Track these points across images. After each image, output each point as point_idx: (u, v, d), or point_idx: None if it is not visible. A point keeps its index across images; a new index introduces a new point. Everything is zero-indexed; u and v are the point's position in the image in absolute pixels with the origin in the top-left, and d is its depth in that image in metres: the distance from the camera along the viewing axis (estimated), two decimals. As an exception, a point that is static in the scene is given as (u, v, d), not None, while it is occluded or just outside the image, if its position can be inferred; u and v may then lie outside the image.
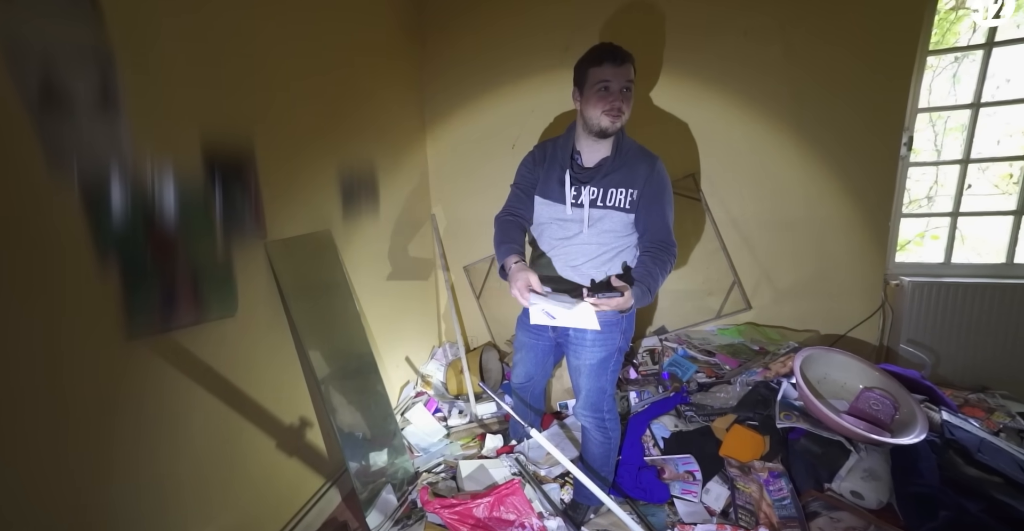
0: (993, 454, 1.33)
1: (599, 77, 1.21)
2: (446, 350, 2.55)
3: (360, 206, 1.90)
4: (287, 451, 1.45)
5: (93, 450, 0.92)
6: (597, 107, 1.22)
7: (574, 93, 1.30)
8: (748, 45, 1.95)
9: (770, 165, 2.04)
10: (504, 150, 2.35)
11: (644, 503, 1.53)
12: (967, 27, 1.96)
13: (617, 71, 1.21)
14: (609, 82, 1.21)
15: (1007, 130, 1.87)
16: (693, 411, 1.76)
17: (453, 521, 1.28)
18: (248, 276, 1.29)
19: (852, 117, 1.90)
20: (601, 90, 1.22)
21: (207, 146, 1.15)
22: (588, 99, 1.24)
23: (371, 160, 1.97)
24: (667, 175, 1.32)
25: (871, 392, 1.58)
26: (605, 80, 1.21)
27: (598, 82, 1.22)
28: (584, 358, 1.40)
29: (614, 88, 1.21)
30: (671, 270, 1.29)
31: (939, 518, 1.17)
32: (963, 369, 1.93)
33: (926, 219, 2.01)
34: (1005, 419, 1.65)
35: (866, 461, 1.39)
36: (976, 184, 1.97)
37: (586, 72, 1.24)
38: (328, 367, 1.53)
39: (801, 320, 2.14)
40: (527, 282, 1.19)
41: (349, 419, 1.56)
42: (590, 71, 1.23)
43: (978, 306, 1.87)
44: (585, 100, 1.26)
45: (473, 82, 2.33)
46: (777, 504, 1.38)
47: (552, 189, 1.35)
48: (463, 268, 2.58)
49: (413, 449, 1.89)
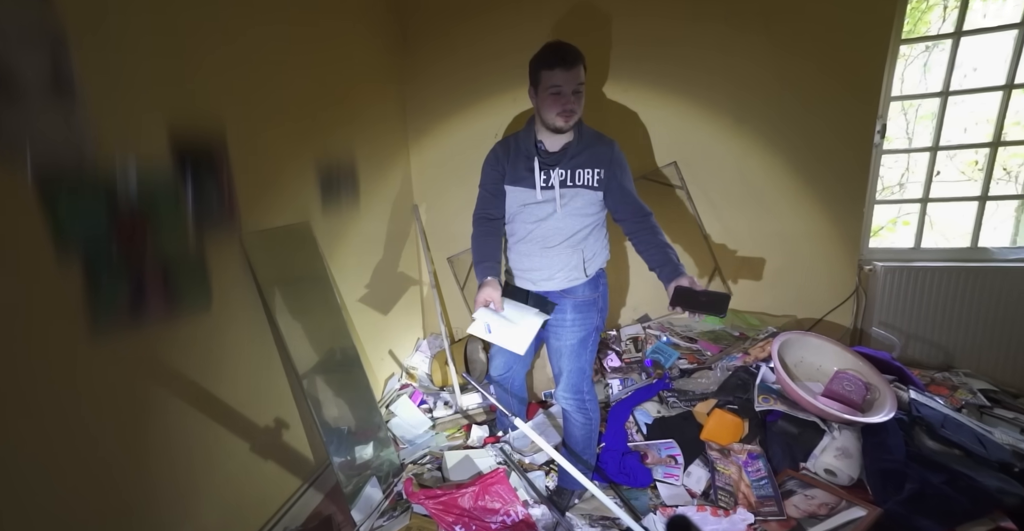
0: (955, 429, 1.38)
1: (551, 81, 1.27)
2: (431, 342, 2.54)
3: (340, 198, 1.87)
4: (270, 446, 1.43)
5: (56, 453, 0.89)
6: (551, 109, 1.28)
7: (530, 91, 1.35)
8: (730, 33, 1.95)
9: (749, 153, 2.06)
10: (487, 140, 2.31)
11: (627, 487, 1.55)
12: (937, 16, 2.00)
13: (567, 75, 1.25)
14: (560, 87, 1.26)
15: (973, 118, 1.93)
16: (675, 397, 1.80)
17: (438, 511, 1.29)
18: (223, 269, 1.26)
19: (829, 106, 1.93)
20: (554, 93, 1.27)
21: (175, 134, 1.11)
22: (542, 101, 1.30)
23: (351, 151, 1.94)
24: (623, 155, 1.42)
25: (845, 374, 1.62)
26: (557, 85, 1.26)
27: (550, 86, 1.27)
28: (564, 339, 1.45)
29: (565, 92, 1.27)
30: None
31: (905, 491, 1.22)
32: (930, 349, 2.00)
33: (898, 205, 2.05)
34: (967, 396, 1.72)
35: (839, 440, 1.44)
36: (945, 171, 2.02)
37: (539, 73, 1.29)
38: (310, 361, 1.51)
39: (779, 305, 2.19)
40: (486, 299, 1.34)
41: (333, 413, 1.55)
42: (542, 74, 1.28)
43: (945, 289, 1.93)
44: (540, 100, 1.31)
45: (457, 72, 2.30)
46: (755, 484, 1.42)
47: (521, 177, 1.39)
48: (447, 259, 2.57)
49: (399, 441, 1.89)
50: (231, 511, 1.29)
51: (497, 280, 1.40)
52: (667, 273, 1.33)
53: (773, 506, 1.35)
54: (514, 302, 1.46)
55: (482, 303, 1.36)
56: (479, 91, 2.29)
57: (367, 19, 2.05)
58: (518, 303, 1.46)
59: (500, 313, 1.36)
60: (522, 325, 1.33)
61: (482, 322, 1.34)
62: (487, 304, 1.36)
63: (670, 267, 1.33)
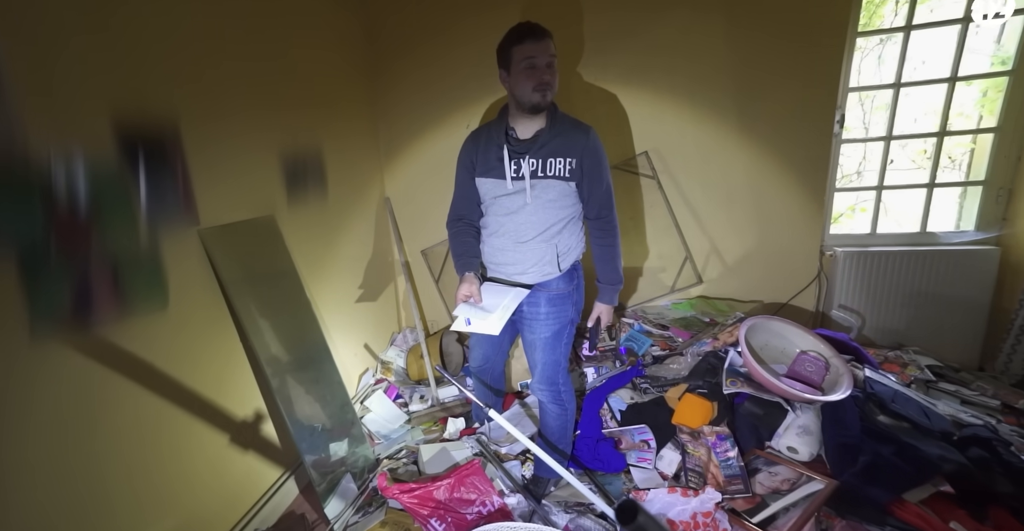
0: (904, 403, 1.47)
1: (523, 54, 1.23)
2: (406, 335, 2.51)
3: (307, 190, 1.82)
4: (238, 446, 1.39)
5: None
6: (526, 84, 1.24)
7: (501, 75, 1.32)
8: (694, 25, 1.98)
9: (716, 144, 2.11)
10: (459, 130, 2.29)
11: (602, 473, 1.58)
12: (890, 10, 2.07)
13: (538, 47, 1.23)
14: (534, 58, 1.23)
15: (923, 109, 2.02)
16: (648, 383, 1.83)
17: (413, 505, 1.28)
18: (180, 266, 1.21)
19: (791, 97, 1.98)
20: (527, 67, 1.24)
21: (121, 124, 1.05)
22: (516, 77, 1.26)
23: (317, 144, 1.89)
24: (601, 144, 1.36)
25: (806, 355, 1.69)
26: (530, 56, 1.23)
27: (523, 59, 1.24)
28: (539, 332, 1.44)
29: (539, 63, 1.24)
30: (619, 242, 1.45)
31: (858, 463, 1.28)
32: (884, 329, 2.11)
33: (856, 193, 2.14)
34: (916, 372, 1.82)
35: (801, 418, 1.50)
36: (897, 159, 2.11)
37: (509, 51, 1.26)
38: (279, 359, 1.47)
39: (747, 291, 2.26)
40: (464, 295, 1.36)
41: (305, 410, 1.52)
42: (513, 50, 1.25)
43: (898, 272, 2.03)
44: (513, 79, 1.27)
45: (428, 62, 2.26)
46: (723, 464, 1.47)
47: (492, 167, 1.36)
48: (421, 252, 2.54)
49: (373, 437, 1.87)
50: (196, 513, 1.25)
51: (475, 274, 1.40)
52: (599, 294, 1.50)
53: (740, 484, 1.40)
54: (493, 285, 1.45)
55: (461, 299, 1.36)
56: (450, 80, 2.26)
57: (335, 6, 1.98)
58: (497, 285, 1.45)
59: (479, 305, 1.35)
60: (499, 310, 1.33)
61: (462, 318, 1.34)
62: (466, 299, 1.36)
63: (604, 294, 1.49)
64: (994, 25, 1.87)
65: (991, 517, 1.20)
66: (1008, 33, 1.89)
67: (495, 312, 1.32)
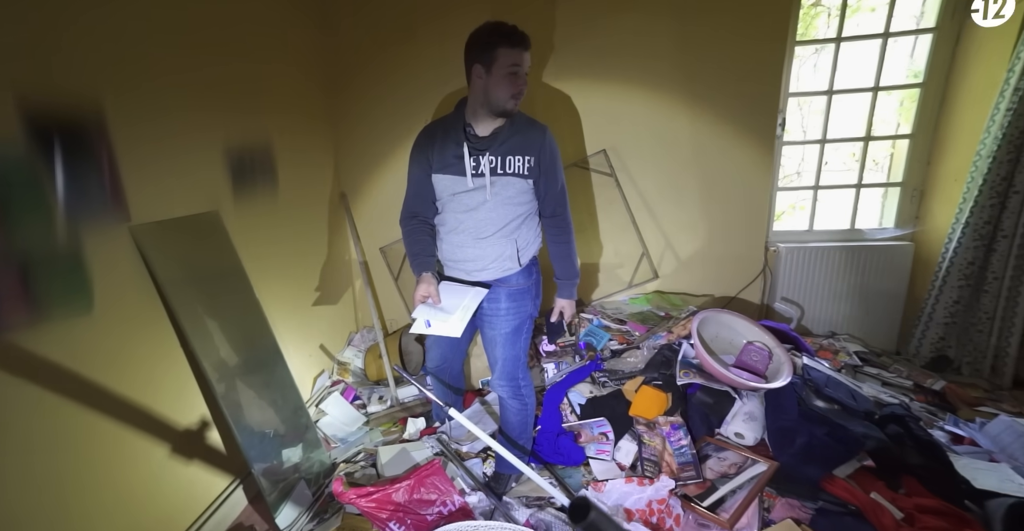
0: (836, 387, 1.59)
1: (511, 60, 1.21)
2: (364, 335, 2.45)
3: (255, 185, 1.73)
4: (180, 456, 1.30)
5: None
6: (506, 90, 1.23)
7: (476, 71, 1.25)
8: (644, 31, 2.05)
9: (668, 145, 2.19)
10: (419, 125, 2.24)
11: (562, 467, 1.61)
12: (823, 22, 2.23)
13: (525, 56, 1.23)
14: (520, 66, 1.23)
15: (851, 115, 2.19)
16: (606, 377, 1.88)
17: (371, 509, 1.25)
18: (107, 266, 1.11)
19: (737, 101, 2.08)
20: (511, 74, 1.22)
21: (30, 111, 0.95)
22: (497, 81, 1.22)
23: (266, 138, 1.80)
24: (556, 143, 1.38)
25: (752, 346, 1.79)
26: (516, 64, 1.22)
27: (510, 65, 1.21)
28: (499, 328, 1.44)
29: (522, 73, 1.24)
30: (574, 238, 1.48)
31: (796, 445, 1.38)
32: (820, 319, 2.28)
33: (796, 192, 2.29)
34: (846, 358, 1.98)
35: (747, 405, 1.59)
36: (832, 161, 2.28)
37: (495, 51, 1.21)
38: (225, 363, 1.39)
39: (699, 285, 2.36)
40: (422, 295, 1.34)
41: (255, 416, 1.44)
42: (500, 51, 1.21)
43: (831, 265, 2.19)
44: (493, 81, 1.23)
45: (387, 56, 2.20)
46: (677, 452, 1.53)
47: (450, 163, 1.33)
48: (379, 250, 2.47)
49: (329, 440, 1.81)
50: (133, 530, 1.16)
51: (432, 274, 1.38)
52: (559, 290, 1.54)
53: (692, 471, 1.46)
54: (452, 285, 1.43)
55: (419, 300, 1.34)
56: (408, 69, 2.21)
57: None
58: (455, 284, 1.44)
59: (438, 306, 1.34)
60: (459, 311, 1.32)
61: (421, 320, 1.32)
62: (424, 300, 1.34)
63: (564, 289, 1.53)
64: (908, 41, 2.06)
65: (904, 485, 1.32)
66: (919, 49, 2.08)
67: (455, 313, 1.31)
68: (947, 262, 1.98)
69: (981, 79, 1.93)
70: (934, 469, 1.35)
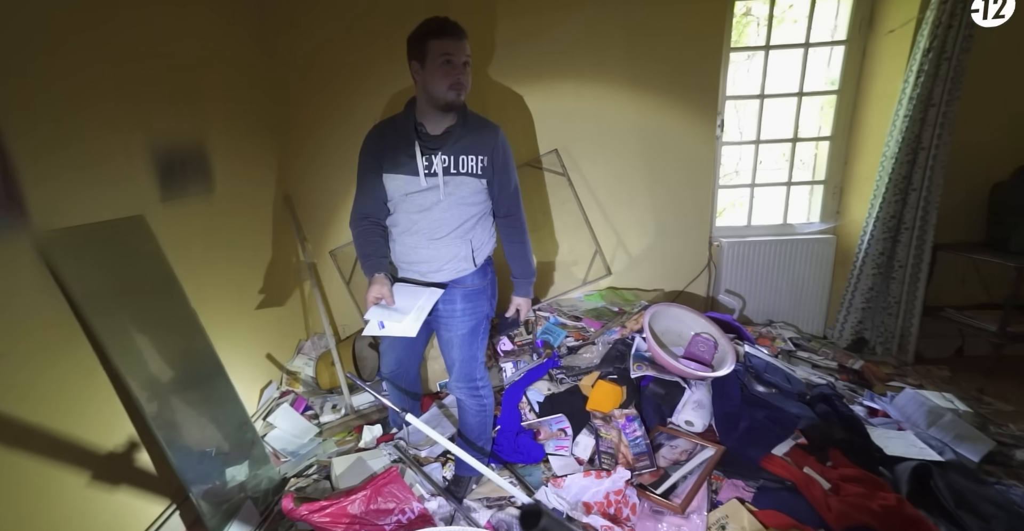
0: (773, 372, 1.71)
1: (442, 50, 1.20)
2: (315, 342, 2.34)
3: (186, 185, 1.60)
4: (103, 485, 1.18)
5: None
6: (442, 82, 1.21)
7: (413, 67, 1.26)
8: (593, 37, 2.10)
9: (617, 145, 2.26)
10: (368, 125, 2.17)
11: (522, 465, 1.62)
12: (753, 31, 2.38)
13: (457, 45, 1.21)
14: (451, 55, 1.21)
15: (781, 118, 2.36)
16: (564, 373, 1.91)
17: (324, 524, 1.20)
18: (3, 281, 0.99)
19: (680, 104, 2.19)
20: (444, 64, 1.21)
21: None
22: (431, 73, 1.22)
23: (200, 136, 1.68)
24: (508, 143, 1.38)
25: (699, 337, 1.88)
26: (447, 53, 1.20)
27: (441, 55, 1.20)
28: (455, 329, 1.43)
29: (456, 61, 1.22)
30: (529, 237, 1.48)
31: (739, 428, 1.47)
32: (759, 309, 2.44)
33: (735, 189, 2.44)
34: (781, 344, 2.13)
35: (696, 394, 1.67)
36: (766, 161, 2.44)
37: (426, 44, 1.21)
38: (155, 380, 1.28)
39: (650, 280, 2.46)
40: (375, 297, 1.30)
41: (192, 435, 1.34)
42: (431, 43, 1.21)
43: (768, 258, 2.35)
44: (428, 74, 1.23)
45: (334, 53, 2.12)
46: (632, 444, 1.58)
47: (402, 163, 1.31)
48: (329, 253, 2.38)
49: (279, 455, 1.71)
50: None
51: (385, 275, 1.34)
52: (515, 288, 1.54)
53: (646, 460, 1.52)
54: (405, 286, 1.40)
55: (372, 302, 1.31)
56: (354, 69, 2.13)
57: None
58: (409, 286, 1.41)
59: (392, 307, 1.30)
60: (413, 312, 1.29)
61: (375, 322, 1.28)
62: (377, 301, 1.31)
63: (520, 287, 1.53)
64: (825, 52, 2.25)
65: (831, 458, 1.45)
66: (835, 59, 2.27)
67: (410, 313, 1.28)
68: (863, 253, 2.19)
69: (884, 88, 2.14)
70: (855, 442, 1.49)
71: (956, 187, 2.09)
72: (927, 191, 2.02)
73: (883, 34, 2.13)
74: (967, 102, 1.95)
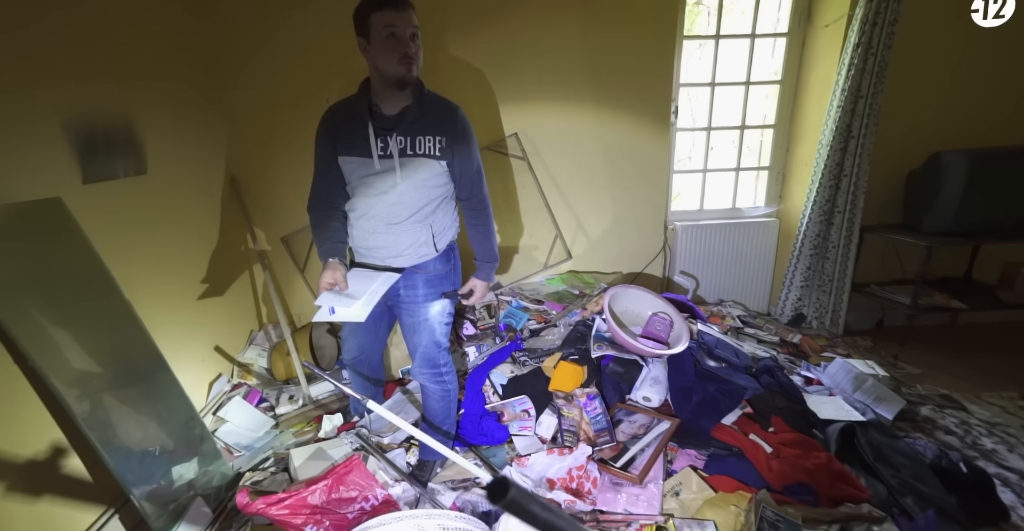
0: (723, 348, 1.82)
1: (383, 22, 1.14)
2: (269, 332, 2.24)
3: (114, 165, 1.46)
4: (24, 494, 1.09)
5: None
6: (390, 56, 1.16)
7: (360, 44, 1.20)
8: (551, 19, 2.09)
9: (577, 130, 2.27)
10: (322, 105, 2.06)
11: (487, 447, 1.64)
12: (704, 20, 2.45)
13: (400, 16, 1.15)
14: (395, 27, 1.15)
15: (731, 106, 2.46)
16: (526, 355, 1.94)
17: (283, 517, 1.16)
18: None
19: (638, 91, 2.22)
20: (389, 37, 1.15)
21: None
22: (377, 48, 1.17)
23: (126, 110, 1.53)
24: (470, 123, 1.34)
25: (656, 316, 1.95)
26: (390, 25, 1.15)
27: (384, 28, 1.15)
28: (418, 315, 1.41)
29: (401, 33, 1.16)
30: (493, 221, 1.44)
31: (693, 402, 1.55)
32: (711, 288, 2.57)
33: (689, 174, 2.53)
34: (731, 322, 2.27)
35: (653, 371, 1.75)
36: (717, 147, 2.55)
37: (367, 18, 1.15)
38: (85, 378, 1.18)
39: (609, 263, 2.52)
40: (328, 282, 1.25)
41: (133, 434, 1.25)
42: (372, 17, 1.15)
43: (718, 240, 2.47)
44: (374, 49, 1.17)
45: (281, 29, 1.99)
46: (593, 421, 1.63)
47: (356, 145, 1.26)
48: (281, 240, 2.26)
49: (232, 450, 1.64)
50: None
51: (340, 260, 1.29)
52: (476, 271, 1.50)
53: (607, 436, 1.58)
54: (361, 271, 1.36)
55: (325, 287, 1.26)
56: (306, 42, 2.00)
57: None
58: (365, 270, 1.37)
59: (345, 292, 1.26)
60: (365, 296, 1.26)
61: (325, 307, 1.24)
62: (330, 287, 1.26)
63: (482, 271, 1.49)
64: (770, 43, 2.35)
65: (773, 424, 1.57)
66: (778, 50, 2.38)
67: (361, 298, 1.24)
68: (802, 235, 2.34)
69: (821, 79, 2.27)
70: (794, 408, 1.62)
71: (879, 173, 2.27)
72: (856, 177, 2.18)
73: (820, 28, 2.25)
74: (889, 94, 2.10)
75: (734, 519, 1.25)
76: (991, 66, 2.24)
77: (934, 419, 1.76)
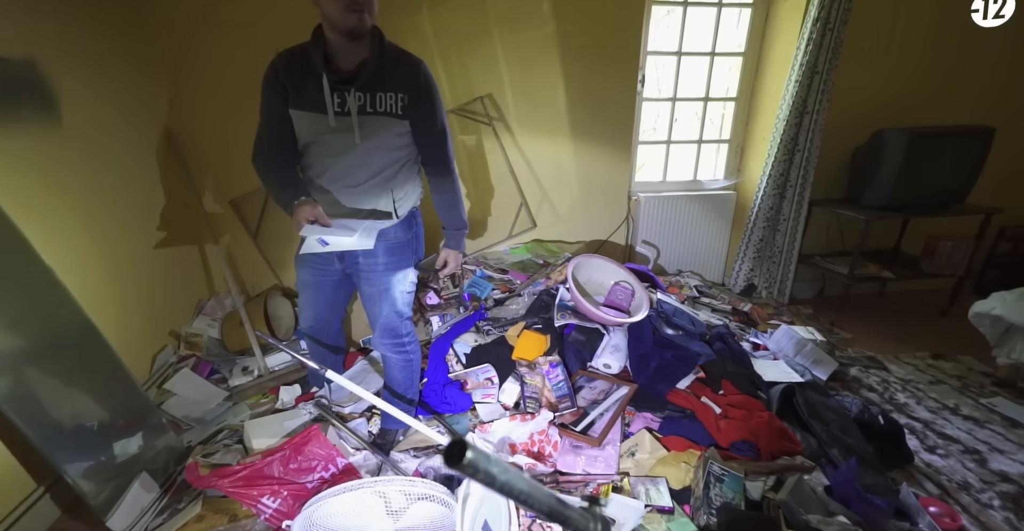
0: (680, 316, 1.89)
1: None
2: (221, 301, 2.11)
3: (19, 113, 1.27)
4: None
5: None
6: (336, 4, 1.04)
7: None
8: None
9: (543, 97, 2.20)
10: (269, 54, 1.86)
11: (450, 414, 1.65)
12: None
13: None
14: None
15: (696, 77, 2.45)
16: (490, 325, 1.93)
17: (238, 488, 1.13)
18: None
19: (605, 57, 2.15)
20: None
21: None
22: None
23: (27, 48, 1.33)
24: (435, 80, 1.25)
25: (618, 286, 1.99)
26: None
27: None
28: (377, 284, 1.35)
29: None
30: (460, 187, 1.41)
31: (650, 368, 1.62)
32: (671, 259, 2.64)
33: (652, 146, 2.53)
34: (688, 291, 2.36)
35: (614, 339, 1.79)
36: (681, 118, 2.55)
37: None
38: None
39: (573, 233, 2.52)
40: (306, 216, 1.15)
41: (64, 409, 1.16)
42: None
43: (679, 211, 2.52)
44: None
45: None
46: (555, 387, 1.67)
47: (309, 98, 1.15)
48: (229, 203, 2.09)
49: (181, 423, 1.57)
50: None
51: (312, 199, 1.20)
52: (445, 240, 1.46)
53: (568, 402, 1.62)
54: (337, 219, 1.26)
55: (305, 221, 1.16)
56: None
57: None
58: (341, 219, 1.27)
59: (329, 228, 1.18)
60: (363, 228, 1.18)
61: (312, 238, 1.15)
62: (312, 221, 1.16)
63: (451, 239, 1.46)
64: (735, 13, 2.33)
65: (723, 387, 1.67)
66: (743, 21, 2.37)
67: (360, 228, 1.17)
68: (756, 208, 2.43)
69: (781, 52, 2.29)
70: (742, 372, 1.72)
71: (829, 149, 2.36)
72: (808, 152, 2.26)
73: (783, 1, 2.25)
74: (843, 71, 2.16)
75: (684, 475, 1.34)
76: (944, 45, 2.32)
77: (860, 378, 1.93)
